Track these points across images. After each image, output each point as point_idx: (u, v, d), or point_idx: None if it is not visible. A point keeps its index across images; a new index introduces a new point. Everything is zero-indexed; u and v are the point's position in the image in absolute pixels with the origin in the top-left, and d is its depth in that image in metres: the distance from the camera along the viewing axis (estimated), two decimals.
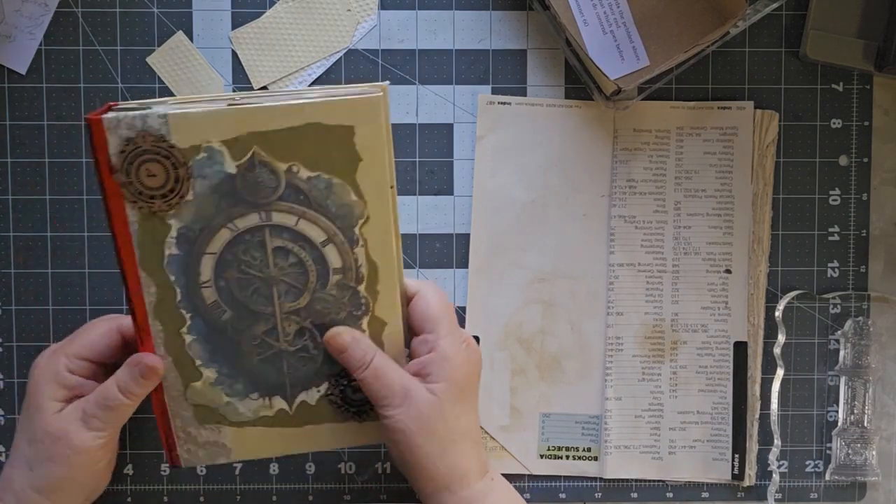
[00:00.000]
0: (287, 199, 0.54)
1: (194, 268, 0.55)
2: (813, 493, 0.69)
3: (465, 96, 0.68)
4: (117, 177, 0.52)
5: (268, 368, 0.58)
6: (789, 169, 0.69)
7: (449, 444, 0.57)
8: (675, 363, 0.68)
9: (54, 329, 0.67)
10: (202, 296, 0.56)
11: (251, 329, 0.57)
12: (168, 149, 0.52)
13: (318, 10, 0.67)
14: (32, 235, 0.67)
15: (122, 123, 0.51)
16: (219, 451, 0.60)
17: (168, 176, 0.53)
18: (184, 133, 0.52)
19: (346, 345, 0.57)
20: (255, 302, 0.56)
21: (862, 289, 0.69)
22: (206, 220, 0.54)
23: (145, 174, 0.52)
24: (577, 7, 0.65)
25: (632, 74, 0.65)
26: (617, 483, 0.69)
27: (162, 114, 0.51)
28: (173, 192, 0.53)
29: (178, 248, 0.55)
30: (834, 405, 0.69)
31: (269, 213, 0.55)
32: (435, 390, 0.56)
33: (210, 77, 0.67)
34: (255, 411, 0.59)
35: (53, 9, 0.66)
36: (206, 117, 0.52)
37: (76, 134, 0.67)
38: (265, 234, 0.55)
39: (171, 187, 0.53)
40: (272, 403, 0.59)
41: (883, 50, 0.66)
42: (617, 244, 0.68)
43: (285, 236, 0.55)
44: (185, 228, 0.54)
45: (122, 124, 0.51)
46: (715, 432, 0.68)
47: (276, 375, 0.58)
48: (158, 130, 0.52)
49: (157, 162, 0.52)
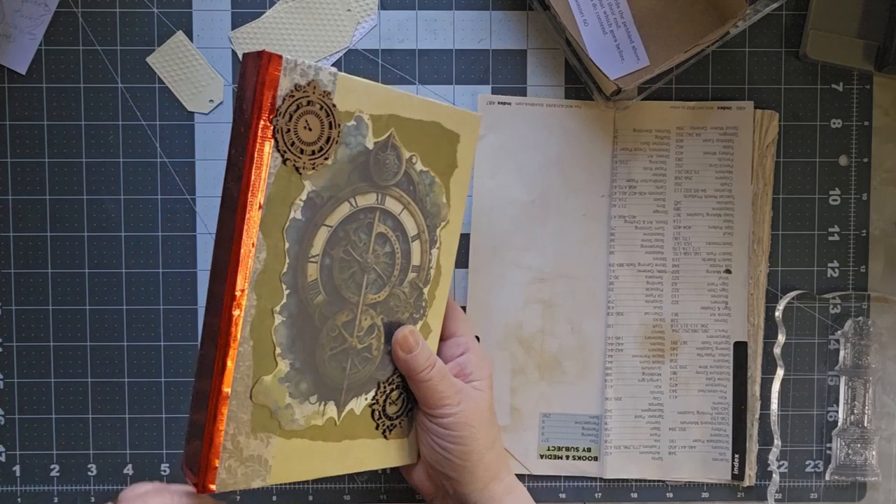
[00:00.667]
0: (401, 187, 0.56)
1: (309, 238, 0.53)
2: (813, 493, 0.69)
3: (465, 96, 0.68)
4: (277, 120, 0.50)
5: (335, 366, 0.56)
6: (789, 169, 0.69)
7: (495, 436, 0.60)
8: (675, 363, 0.68)
9: (54, 329, 0.67)
10: (306, 271, 0.53)
11: (334, 317, 0.55)
12: (331, 106, 0.52)
13: (318, 10, 0.67)
14: (32, 235, 0.67)
15: (298, 68, 0.50)
16: (258, 471, 0.53)
17: (322, 133, 0.52)
18: (345, 96, 0.52)
19: (417, 344, 0.58)
20: (348, 288, 0.55)
21: (862, 289, 0.69)
22: (336, 189, 0.53)
23: (303, 126, 0.51)
24: (577, 7, 0.65)
25: (632, 74, 0.65)
26: (617, 483, 0.69)
27: (333, 72, 0.51)
28: (321, 152, 0.52)
29: (303, 213, 0.52)
30: (834, 405, 0.69)
31: (384, 196, 0.55)
32: (479, 387, 0.60)
33: (210, 77, 0.67)
34: (307, 419, 0.55)
35: (53, 9, 0.66)
36: (366, 88, 0.53)
37: (76, 134, 0.67)
38: (375, 217, 0.55)
39: (320, 146, 0.52)
40: (325, 411, 0.56)
41: (883, 50, 0.66)
42: (617, 244, 0.68)
43: (388, 223, 0.56)
44: (314, 193, 0.52)
45: (299, 69, 0.50)
46: (715, 432, 0.68)
47: (339, 375, 0.56)
48: (327, 86, 0.51)
49: (316, 116, 0.51)
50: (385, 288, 0.57)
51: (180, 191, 0.67)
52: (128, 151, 0.67)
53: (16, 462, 0.68)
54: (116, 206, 0.67)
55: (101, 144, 0.67)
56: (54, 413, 0.68)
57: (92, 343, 0.68)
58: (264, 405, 0.53)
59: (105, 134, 0.67)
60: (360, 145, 0.53)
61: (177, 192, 0.67)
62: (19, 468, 0.68)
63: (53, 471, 0.68)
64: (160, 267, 0.67)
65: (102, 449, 0.67)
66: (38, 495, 0.68)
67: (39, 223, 0.67)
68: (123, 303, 0.67)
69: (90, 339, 0.68)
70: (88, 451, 0.68)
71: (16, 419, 0.68)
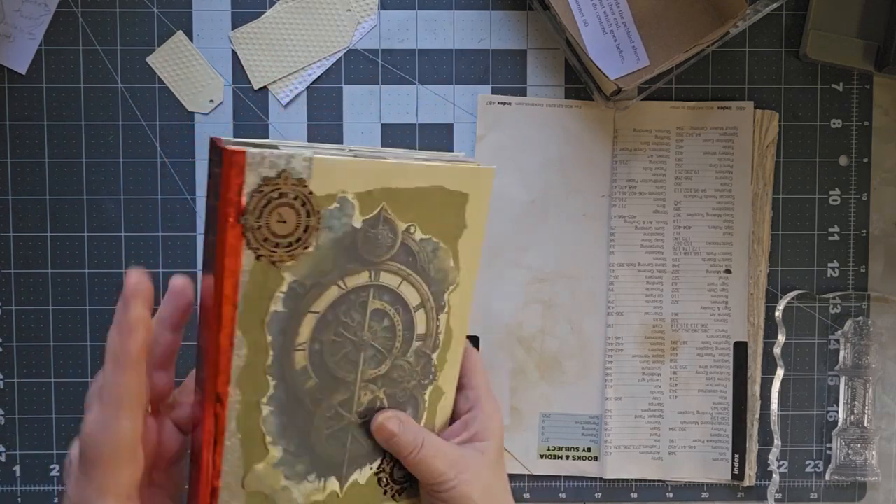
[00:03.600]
0: (397, 260, 0.52)
1: (294, 328, 0.49)
2: (813, 493, 0.69)
3: (465, 96, 0.68)
4: (246, 219, 0.46)
5: (334, 443, 0.53)
6: (789, 169, 0.69)
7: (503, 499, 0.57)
8: (675, 363, 0.68)
9: (54, 329, 0.68)
10: (293, 360, 0.50)
11: (329, 398, 0.52)
12: (307, 195, 0.47)
13: (318, 10, 0.67)
14: (32, 235, 0.67)
15: (266, 161, 0.45)
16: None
17: (298, 224, 0.47)
18: (323, 180, 0.47)
19: (395, 431, 0.54)
20: (342, 368, 0.52)
21: (862, 289, 0.69)
22: (320, 275, 0.49)
23: (276, 219, 0.47)
24: (577, 7, 0.65)
25: (632, 74, 0.65)
26: (617, 483, 0.69)
27: (308, 157, 0.47)
28: (299, 242, 0.48)
29: (285, 304, 0.48)
30: (834, 405, 0.69)
31: (378, 273, 0.51)
32: (484, 449, 0.56)
33: (210, 77, 0.67)
34: (307, 496, 0.52)
35: (53, 9, 0.66)
36: (349, 166, 0.48)
37: (76, 134, 0.67)
38: (369, 295, 0.51)
39: (298, 236, 0.48)
40: (325, 486, 0.53)
41: (883, 50, 0.66)
42: (617, 244, 0.68)
43: (386, 298, 0.52)
44: (296, 283, 0.48)
45: (267, 161, 0.45)
46: (715, 432, 0.68)
47: (339, 452, 0.53)
48: (300, 173, 0.46)
49: (290, 207, 0.47)
50: (386, 361, 0.53)
51: (180, 191, 0.67)
52: (128, 151, 0.67)
53: (16, 462, 0.68)
54: (116, 206, 0.67)
55: (101, 144, 0.67)
56: (54, 413, 0.68)
57: (92, 343, 0.68)
58: (258, 491, 0.50)
59: (105, 134, 0.67)
60: (345, 226, 0.49)
61: (177, 192, 0.67)
62: (19, 468, 0.68)
63: (53, 471, 0.68)
64: (160, 267, 0.67)
65: None
66: (38, 495, 0.68)
67: (39, 223, 0.67)
68: None
69: (90, 339, 0.68)
70: None
71: (16, 419, 0.68)
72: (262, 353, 0.48)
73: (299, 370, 0.50)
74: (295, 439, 0.51)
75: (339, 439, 0.53)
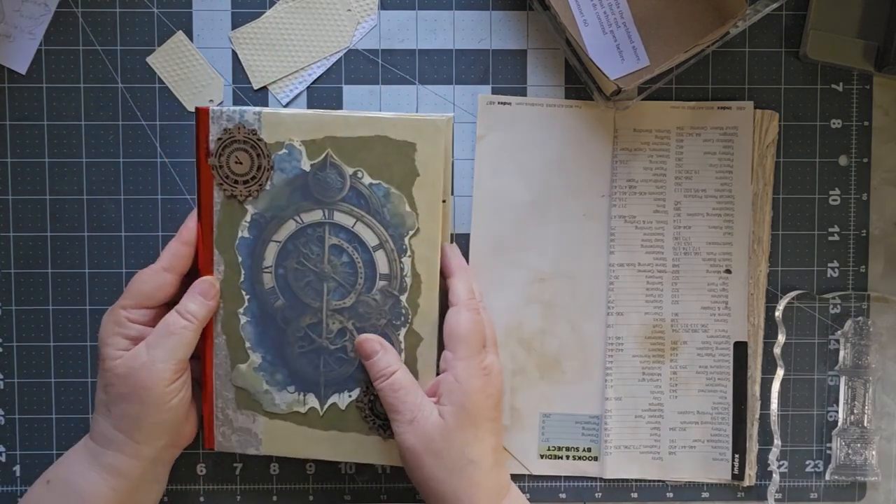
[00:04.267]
0: (349, 201, 0.61)
1: (260, 252, 0.61)
2: (813, 493, 0.69)
3: (465, 96, 0.68)
4: (211, 160, 0.60)
5: (306, 363, 0.62)
6: (789, 169, 0.69)
7: (456, 470, 0.57)
8: (675, 363, 0.68)
9: (54, 329, 0.68)
10: (262, 280, 0.62)
11: (298, 319, 0.62)
12: (256, 141, 0.60)
13: (318, 10, 0.67)
14: (32, 235, 0.67)
15: (223, 115, 0.60)
16: (250, 441, 0.63)
17: (252, 164, 0.60)
18: (272, 129, 0.60)
19: (374, 351, 0.60)
20: (307, 294, 0.62)
21: (862, 289, 0.69)
22: (277, 209, 0.61)
23: (234, 161, 0.60)
24: (577, 7, 0.65)
25: (632, 74, 0.65)
26: (617, 483, 0.69)
27: (257, 111, 0.60)
28: (254, 180, 0.60)
29: (250, 231, 0.61)
30: (834, 405, 0.69)
31: (331, 212, 0.61)
32: (443, 413, 0.57)
33: (210, 77, 0.67)
34: (288, 405, 0.63)
35: (53, 9, 0.66)
36: (293, 118, 0.60)
37: (76, 134, 0.67)
38: (325, 231, 0.61)
39: (253, 175, 0.60)
40: (305, 400, 0.63)
41: (883, 50, 0.66)
42: (617, 244, 0.68)
43: (342, 236, 0.61)
44: (258, 215, 0.61)
45: (224, 116, 0.60)
46: (715, 432, 0.68)
47: (313, 372, 0.62)
48: (252, 125, 0.60)
49: (245, 151, 0.60)
50: (351, 294, 0.61)
51: (180, 191, 0.67)
52: (128, 151, 0.67)
53: (16, 462, 0.68)
54: (116, 206, 0.67)
55: (101, 144, 0.67)
56: (54, 413, 0.68)
57: (92, 343, 0.67)
58: (243, 388, 0.63)
59: (105, 134, 0.67)
60: (295, 169, 0.60)
61: (177, 192, 0.67)
62: (19, 468, 0.68)
63: None
64: None
65: None
66: None
67: (39, 223, 0.67)
68: None
69: (90, 339, 0.68)
70: None
71: (16, 419, 0.68)
72: (236, 270, 0.62)
73: (268, 290, 0.62)
74: (271, 349, 0.62)
75: (312, 360, 0.62)
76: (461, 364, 0.58)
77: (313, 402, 0.63)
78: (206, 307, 0.61)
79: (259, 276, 0.62)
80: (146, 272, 0.61)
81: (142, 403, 0.58)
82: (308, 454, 0.63)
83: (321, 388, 0.62)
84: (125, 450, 0.59)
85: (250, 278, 0.62)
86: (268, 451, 0.63)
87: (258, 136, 0.60)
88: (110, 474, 0.59)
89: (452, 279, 0.61)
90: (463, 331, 0.59)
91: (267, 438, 0.63)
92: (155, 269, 0.61)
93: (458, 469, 0.57)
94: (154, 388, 0.58)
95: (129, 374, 0.58)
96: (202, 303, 0.60)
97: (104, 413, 0.60)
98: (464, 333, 0.59)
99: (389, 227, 0.61)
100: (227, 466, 0.68)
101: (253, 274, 0.62)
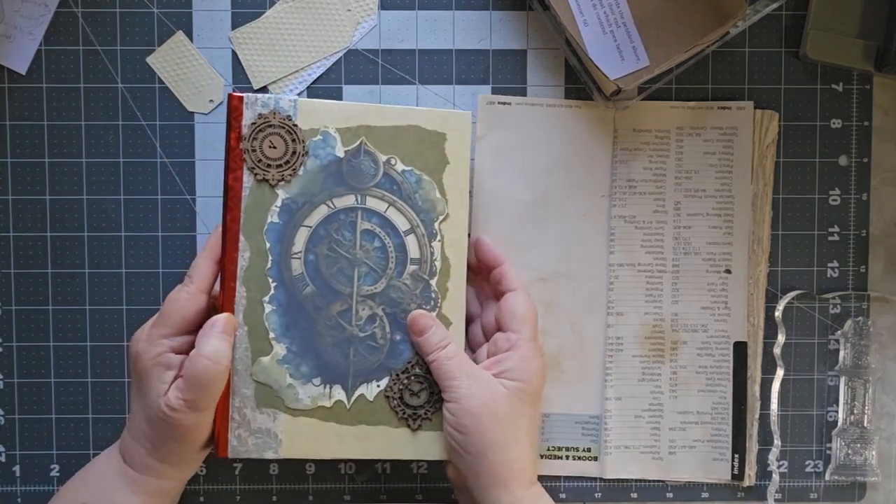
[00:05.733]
0: (381, 187, 0.61)
1: (289, 237, 0.61)
2: (813, 493, 0.69)
3: (465, 96, 0.68)
4: (244, 144, 0.60)
5: (336, 352, 0.61)
6: (789, 169, 0.69)
7: (512, 440, 0.58)
8: (675, 363, 0.68)
9: (54, 329, 0.68)
10: (290, 266, 0.61)
11: (329, 307, 0.61)
12: (292, 126, 0.60)
13: (318, 10, 0.67)
14: (32, 235, 0.67)
15: (258, 101, 0.60)
16: (268, 443, 0.60)
17: (287, 149, 0.60)
18: (307, 117, 0.61)
19: (428, 326, 0.60)
20: (338, 280, 0.61)
21: (862, 289, 0.69)
22: (309, 195, 0.61)
23: (268, 145, 0.60)
24: (577, 7, 0.65)
25: (632, 74, 0.65)
26: (617, 483, 0.69)
27: (292, 99, 0.61)
28: (288, 165, 0.60)
29: (280, 216, 0.60)
30: (834, 405, 0.69)
31: (364, 197, 0.61)
32: (507, 385, 0.58)
33: (210, 77, 0.67)
34: (313, 399, 0.61)
35: (53, 9, 0.66)
36: (329, 107, 0.61)
37: (76, 134, 0.67)
38: (357, 216, 0.61)
39: (287, 159, 0.60)
40: (332, 393, 0.61)
41: (883, 50, 0.66)
42: (617, 244, 0.68)
43: (374, 221, 0.61)
44: (289, 200, 0.61)
45: (259, 102, 0.60)
46: (715, 432, 0.68)
47: (342, 361, 0.61)
48: (287, 112, 0.60)
49: (279, 136, 0.60)
50: (381, 280, 0.61)
51: (180, 191, 0.67)
52: (128, 151, 0.67)
53: (16, 462, 0.68)
54: (116, 206, 0.67)
55: (101, 144, 0.67)
56: (54, 413, 0.68)
57: (92, 343, 0.68)
58: (265, 383, 0.60)
59: (105, 134, 0.67)
60: (329, 155, 0.61)
61: (177, 192, 0.67)
62: (19, 468, 0.68)
63: (53, 471, 0.68)
64: (160, 267, 0.67)
65: (102, 449, 0.66)
66: (38, 495, 0.68)
67: (39, 223, 0.67)
68: (123, 303, 0.67)
69: (90, 339, 0.68)
70: (88, 451, 0.68)
71: (16, 419, 0.68)
72: (263, 257, 0.60)
73: (296, 276, 0.61)
74: (298, 340, 0.61)
75: (342, 349, 0.61)
76: (528, 344, 0.60)
77: (340, 394, 0.61)
78: (229, 343, 0.58)
79: (287, 262, 0.60)
80: (183, 296, 0.59)
81: (191, 444, 0.59)
82: (332, 454, 0.61)
83: (349, 378, 0.61)
84: (169, 475, 0.60)
85: (278, 264, 0.60)
86: (287, 453, 0.60)
87: (294, 121, 0.60)
88: (153, 497, 0.60)
89: (504, 266, 0.63)
90: (529, 312, 0.61)
91: (287, 439, 0.60)
92: (191, 291, 0.59)
93: (514, 439, 0.58)
94: (196, 430, 0.58)
95: (175, 423, 0.57)
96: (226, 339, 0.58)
97: (147, 447, 0.59)
98: (529, 315, 0.61)
99: (421, 213, 0.62)
100: (227, 466, 0.68)
101: (281, 260, 0.60)
